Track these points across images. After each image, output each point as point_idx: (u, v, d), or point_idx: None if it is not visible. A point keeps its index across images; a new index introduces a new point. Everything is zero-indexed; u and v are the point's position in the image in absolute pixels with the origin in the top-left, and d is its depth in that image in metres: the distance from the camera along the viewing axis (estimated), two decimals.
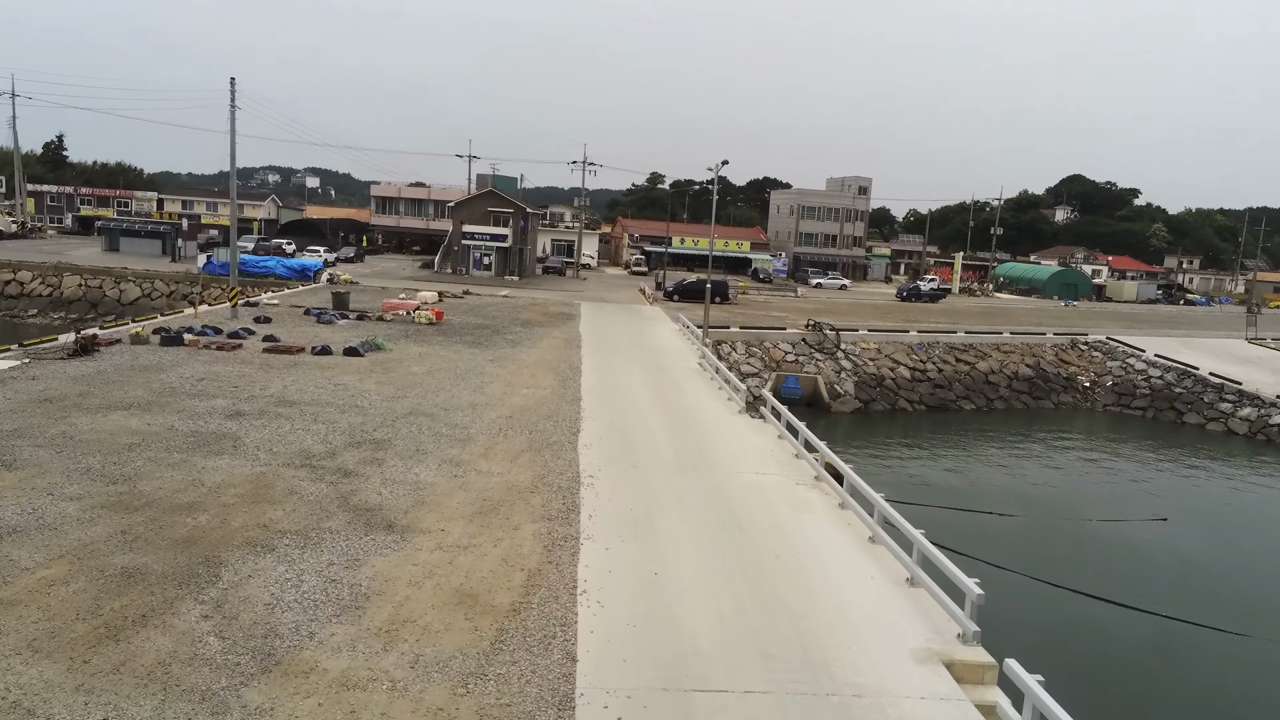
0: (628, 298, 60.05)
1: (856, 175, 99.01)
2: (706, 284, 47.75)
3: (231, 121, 32.94)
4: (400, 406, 20.53)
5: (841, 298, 75.78)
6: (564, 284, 68.16)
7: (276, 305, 38.93)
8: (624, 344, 35.81)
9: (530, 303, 49.45)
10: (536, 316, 42.44)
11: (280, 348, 26.82)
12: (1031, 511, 26.96)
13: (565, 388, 24.65)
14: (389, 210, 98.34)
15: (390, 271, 67.80)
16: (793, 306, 61.71)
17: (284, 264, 54.96)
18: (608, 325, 41.92)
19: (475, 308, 44.25)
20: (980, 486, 30.38)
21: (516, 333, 35.73)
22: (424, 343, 30.97)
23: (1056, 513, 27.31)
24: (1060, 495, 30.42)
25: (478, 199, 68.59)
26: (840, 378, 43.30)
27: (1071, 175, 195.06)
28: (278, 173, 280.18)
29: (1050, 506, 28.27)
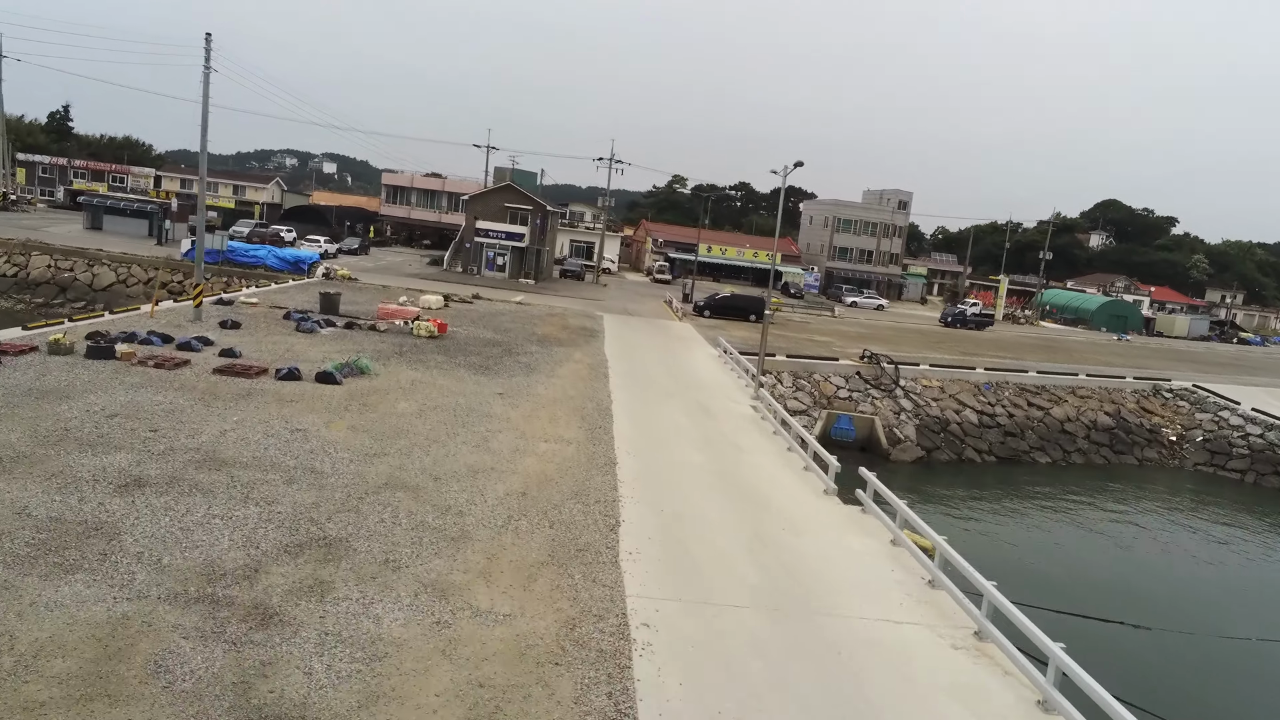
0: (653, 310, 54.47)
1: (896, 189, 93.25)
2: (763, 297, 42.24)
3: (205, 85, 27.49)
4: (374, 472, 14.97)
5: (881, 320, 70.02)
6: (583, 290, 62.66)
7: (254, 305, 33.49)
8: (658, 374, 30.22)
9: (547, 313, 43.93)
10: (555, 331, 36.89)
11: (237, 367, 21.32)
12: (1165, 619, 21.25)
13: (594, 442, 19.08)
14: (400, 200, 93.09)
15: (395, 267, 62.38)
16: (833, 329, 56.02)
17: (276, 254, 49.62)
18: (636, 347, 36.34)
19: (485, 317, 38.75)
20: (1087, 574, 24.66)
21: (532, 353, 30.19)
22: (420, 364, 25.44)
23: (1196, 621, 21.59)
24: (1189, 591, 24.69)
25: (494, 193, 63.15)
26: (900, 420, 37.62)
27: (1107, 200, 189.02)
28: (295, 156, 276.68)
29: (1184, 610, 22.55)
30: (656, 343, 38.81)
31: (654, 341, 39.12)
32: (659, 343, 38.93)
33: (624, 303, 57.13)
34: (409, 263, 66.92)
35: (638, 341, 38.13)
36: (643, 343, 38.08)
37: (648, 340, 39.24)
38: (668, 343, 39.34)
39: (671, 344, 38.99)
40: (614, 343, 35.99)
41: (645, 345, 37.35)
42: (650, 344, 38.09)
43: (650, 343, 38.53)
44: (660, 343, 39.00)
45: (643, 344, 37.64)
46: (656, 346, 37.48)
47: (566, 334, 36.80)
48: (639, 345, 36.93)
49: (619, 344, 35.83)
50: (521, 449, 17.69)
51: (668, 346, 38.03)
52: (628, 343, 36.89)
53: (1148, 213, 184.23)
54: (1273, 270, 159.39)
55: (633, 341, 37.73)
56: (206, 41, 27.48)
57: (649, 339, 39.79)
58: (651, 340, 39.44)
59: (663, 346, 37.76)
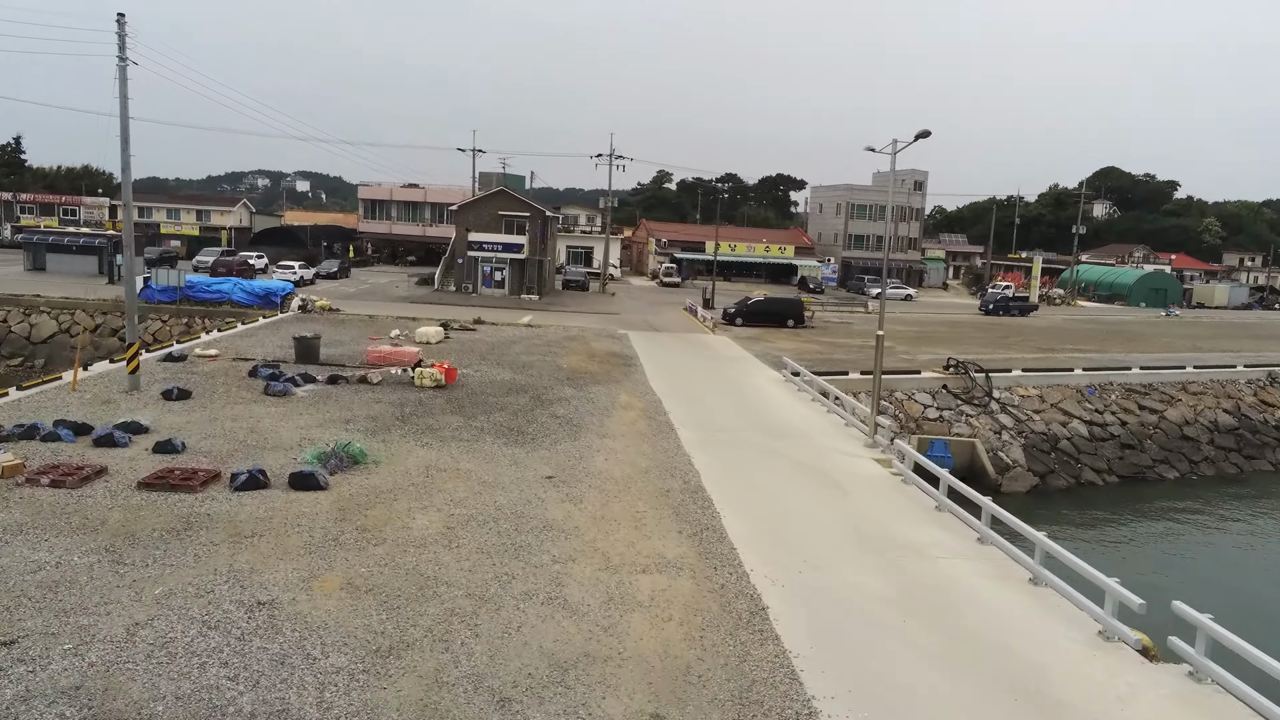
0: (678, 322, 48.11)
1: (912, 168, 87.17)
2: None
3: (121, 82, 20.90)
4: (395, 699, 8.55)
5: (917, 312, 63.86)
6: (592, 302, 56.22)
7: (213, 358, 26.92)
8: (730, 416, 23.83)
9: (564, 336, 37.51)
10: (582, 363, 30.47)
11: (175, 475, 14.81)
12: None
13: (711, 562, 12.73)
14: (379, 215, 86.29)
15: (381, 290, 55.76)
16: (872, 329, 49.73)
17: (243, 287, 42.92)
18: (683, 375, 29.94)
19: (495, 348, 32.30)
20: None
21: (567, 399, 23.77)
22: (432, 434, 19.01)
23: None
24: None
25: (486, 201, 56.59)
26: (1002, 440, 31.43)
27: (1105, 168, 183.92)
28: (267, 176, 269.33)
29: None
30: (704, 367, 32.42)
31: (701, 365, 32.73)
32: (707, 367, 32.55)
33: (642, 314, 50.76)
34: (395, 284, 60.28)
35: (682, 367, 31.75)
36: (688, 368, 31.70)
37: (693, 364, 32.86)
38: (717, 366, 32.95)
39: (722, 368, 32.60)
40: (656, 372, 29.62)
41: (693, 372, 30.96)
42: (698, 369, 31.71)
43: (697, 367, 32.14)
44: (709, 367, 32.60)
45: (689, 370, 31.26)
46: (707, 373, 31.08)
47: (597, 365, 30.40)
48: (686, 373, 30.55)
49: (663, 373, 29.46)
50: (615, 595, 11.30)
51: (720, 371, 31.64)
52: (671, 370, 30.52)
53: (1149, 178, 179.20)
54: None
55: (676, 368, 31.35)
56: (119, 25, 20.88)
57: (693, 362, 33.42)
58: (697, 364, 33.07)
59: (715, 372, 31.36)
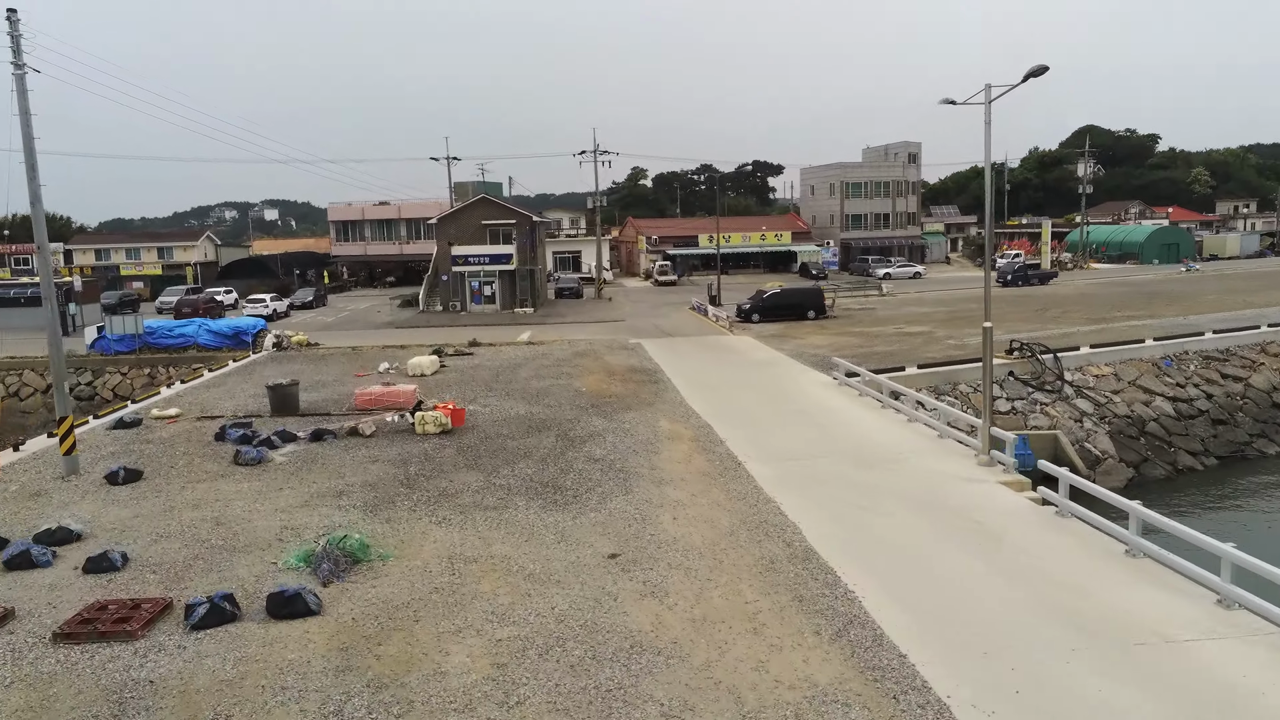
0: (689, 324, 44.19)
1: (904, 140, 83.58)
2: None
3: (20, 94, 16.73)
4: None
5: (931, 289, 60.19)
6: (590, 310, 52.21)
7: (174, 419, 22.76)
8: (800, 441, 19.85)
9: (572, 352, 33.52)
10: (603, 383, 26.49)
11: (107, 613, 10.72)
12: None
13: (890, 697, 8.82)
14: (352, 236, 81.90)
15: (361, 317, 51.55)
16: (908, 312, 46.09)
17: (209, 328, 38.64)
18: (724, 389, 25.95)
19: (500, 374, 28.27)
20: None
21: (602, 435, 19.78)
22: (448, 503, 15.00)
23: None
24: None
25: (468, 211, 52.46)
26: (1084, 429, 27.69)
27: (1084, 127, 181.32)
28: (234, 208, 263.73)
29: None
30: (740, 376, 28.46)
31: (735, 374, 28.77)
32: (743, 375, 28.58)
33: (647, 318, 46.80)
34: (377, 308, 56.01)
35: (716, 378, 27.80)
36: (723, 379, 27.74)
37: (725, 373, 28.91)
38: (753, 373, 28.99)
39: (760, 374, 28.64)
40: (689, 387, 25.68)
41: (730, 384, 26.99)
42: (734, 379, 27.75)
43: (733, 377, 28.17)
44: (745, 375, 28.64)
45: (725, 381, 27.29)
46: (747, 383, 27.11)
47: (620, 384, 26.43)
48: (723, 385, 26.58)
49: (697, 388, 25.53)
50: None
51: (759, 379, 27.68)
52: (705, 383, 26.58)
53: (1130, 133, 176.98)
54: (1273, 173, 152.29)
55: (709, 379, 27.41)
56: (11, 25, 16.70)
57: (725, 371, 29.47)
58: (730, 372, 29.12)
59: (754, 381, 27.38)
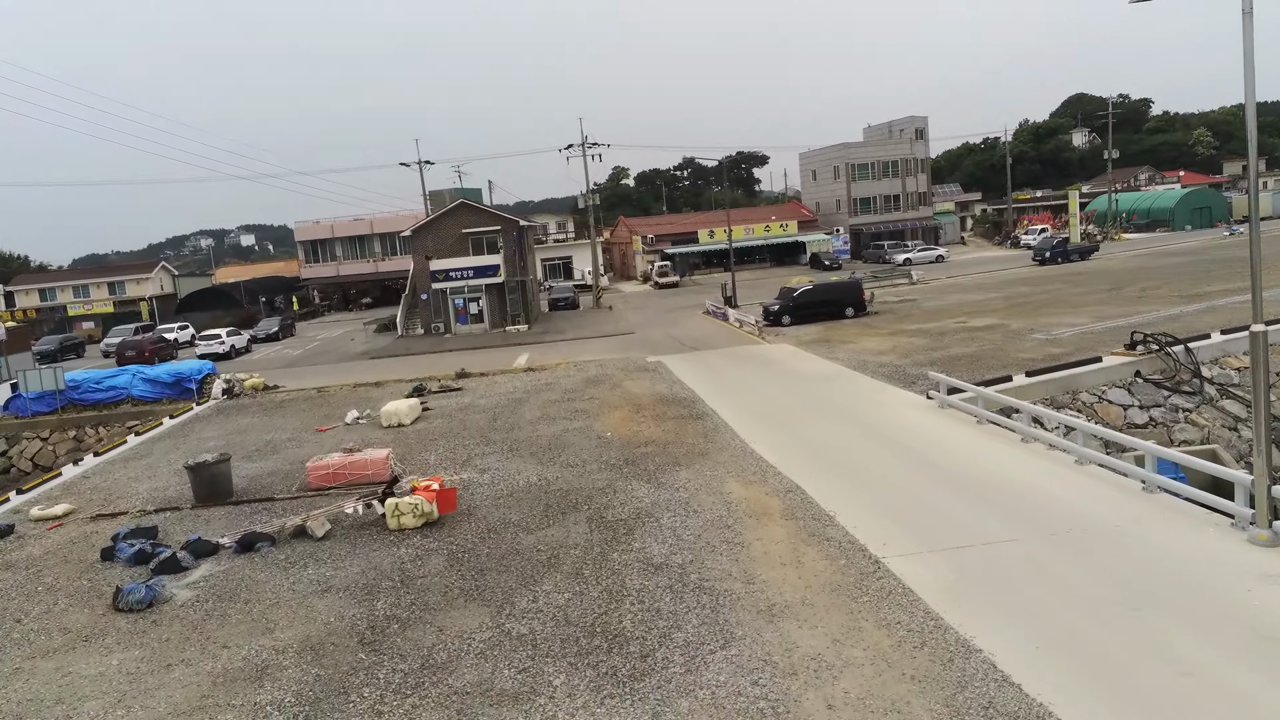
0: (709, 331, 38.17)
1: (910, 115, 77.91)
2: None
3: None
4: None
5: (964, 273, 54.37)
6: (591, 321, 46.11)
7: (59, 521, 16.58)
8: (948, 510, 13.82)
9: (583, 379, 27.45)
10: (632, 423, 20.44)
11: None
12: None
13: None
14: (323, 256, 75.56)
15: (333, 347, 45.30)
16: (956, 302, 40.20)
17: (145, 376, 32.32)
18: (793, 424, 19.88)
19: (498, 417, 22.17)
20: None
21: (651, 514, 13.73)
22: (433, 694, 8.95)
23: None
24: None
25: (446, 219, 46.30)
26: (1243, 438, 21.85)
27: (1075, 95, 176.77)
28: (210, 236, 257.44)
29: None
30: (806, 401, 22.34)
31: (799, 399, 22.63)
32: (807, 399, 22.47)
33: (660, 328, 40.77)
34: (350, 336, 49.74)
35: (776, 407, 21.73)
36: (785, 407, 21.67)
37: (785, 398, 22.82)
38: (819, 395, 22.88)
39: (831, 397, 22.53)
40: (744, 423, 19.68)
41: (797, 413, 20.92)
42: (800, 407, 21.66)
43: (797, 404, 22.04)
44: (809, 399, 22.51)
45: (789, 411, 21.22)
46: (820, 412, 21.00)
47: (654, 423, 20.39)
48: (788, 417, 20.53)
49: (755, 423, 19.54)
50: None
51: (834, 405, 21.58)
52: (763, 414, 20.57)
53: (1124, 99, 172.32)
54: (1276, 130, 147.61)
55: (768, 409, 21.38)
56: None
57: (782, 394, 23.36)
58: (790, 396, 23.02)
59: (826, 408, 21.28)
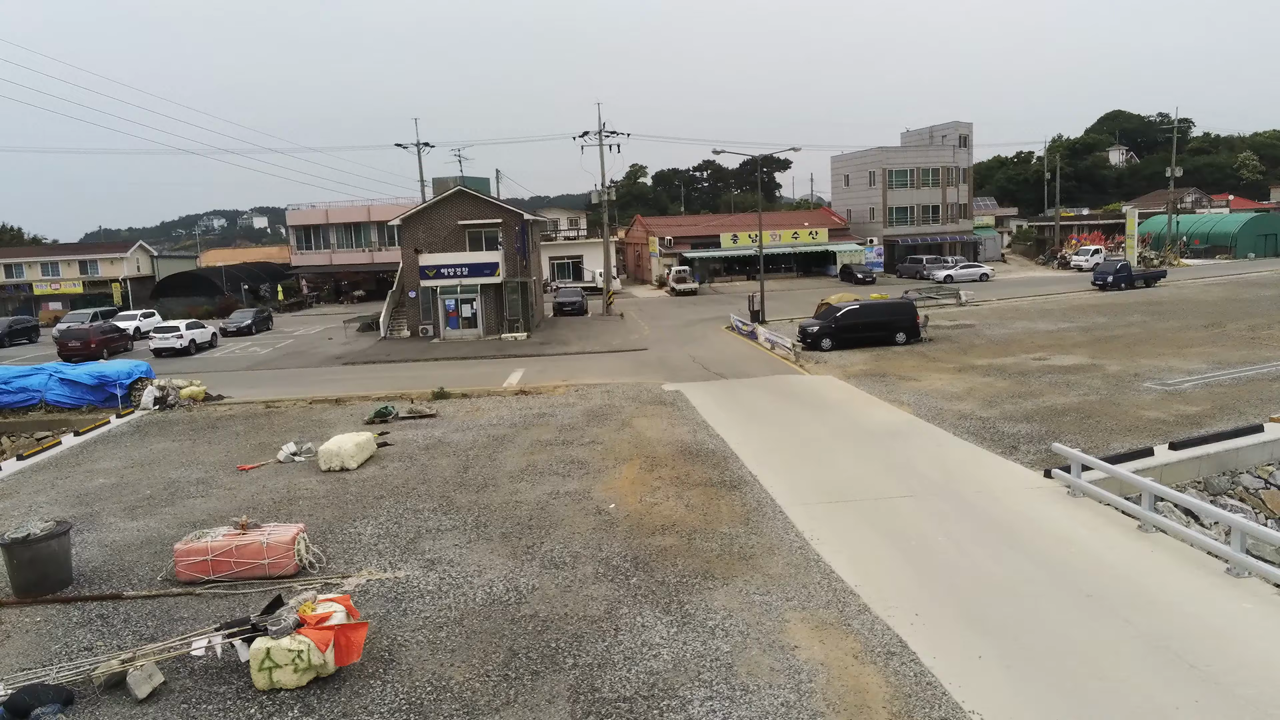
0: (734, 353, 32.67)
1: (954, 120, 72.13)
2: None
3: None
4: None
5: (1015, 295, 48.69)
6: (600, 331, 40.67)
7: None
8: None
9: (585, 413, 22.03)
10: (644, 490, 15.00)
11: None
12: None
13: None
14: (315, 243, 70.32)
15: (307, 347, 39.99)
16: (1023, 330, 34.57)
17: (64, 376, 27.05)
18: (869, 501, 14.36)
19: (470, 465, 16.76)
20: None
21: (680, 694, 8.34)
22: None
23: None
24: None
25: (440, 208, 40.96)
26: None
27: (1112, 112, 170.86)
28: (223, 216, 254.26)
29: None
30: (877, 468, 16.70)
31: (866, 465, 17.00)
32: (882, 467, 16.86)
33: (678, 344, 35.32)
34: (329, 334, 44.41)
35: (838, 474, 16.18)
36: (852, 477, 16.09)
37: (848, 462, 17.23)
38: (895, 461, 17.26)
39: (908, 464, 16.88)
40: (799, 497, 14.24)
41: (870, 487, 15.35)
42: (869, 476, 16.05)
43: (867, 473, 16.43)
44: (884, 466, 16.87)
45: (858, 483, 15.67)
46: (899, 486, 15.48)
47: (674, 492, 14.95)
48: (858, 489, 15.02)
49: (817, 501, 14.10)
50: None
51: (916, 477, 16.01)
52: (826, 488, 15.09)
53: (1163, 118, 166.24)
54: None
55: (828, 477, 15.86)
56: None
57: (842, 455, 17.78)
58: (854, 459, 17.43)
59: (911, 483, 15.70)
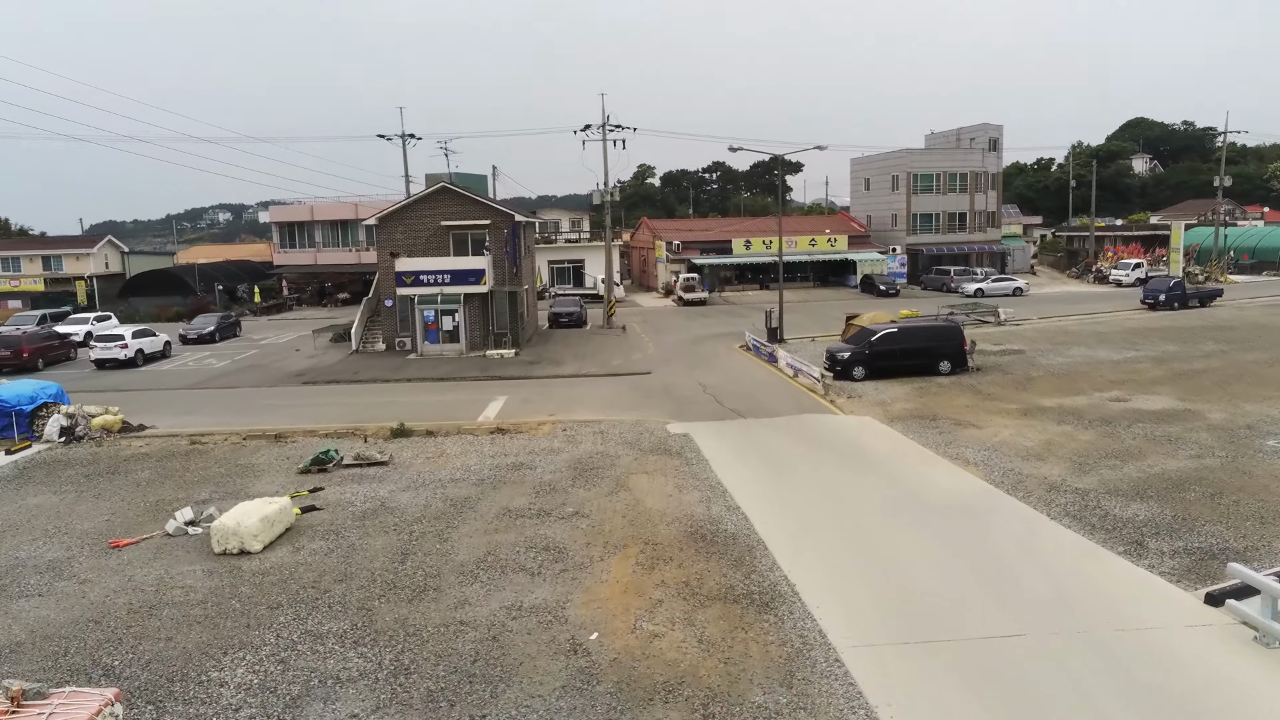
0: (751, 380, 28.02)
1: (983, 122, 67.40)
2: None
3: None
4: None
5: (1057, 313, 43.94)
6: (598, 348, 36.05)
7: None
8: None
9: (571, 463, 17.38)
10: (642, 619, 10.36)
11: None
12: None
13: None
14: (300, 241, 65.83)
15: (270, 360, 35.43)
16: (1082, 359, 29.88)
17: None
18: (977, 651, 9.73)
19: (410, 552, 12.16)
20: None
21: None
22: None
23: None
24: None
25: (421, 205, 36.38)
26: None
27: (1134, 120, 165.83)
28: (229, 210, 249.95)
29: None
30: (976, 583, 11.98)
31: (951, 578, 12.11)
32: (983, 582, 12.14)
33: (686, 366, 30.71)
34: (295, 346, 39.84)
35: (925, 597, 11.50)
36: (939, 599, 11.41)
37: (919, 566, 12.43)
38: (1003, 572, 12.50)
39: (1014, 571, 12.11)
40: (882, 656, 9.61)
41: (966, 619, 10.69)
42: (967, 594, 11.40)
43: (958, 589, 11.70)
44: (981, 580, 12.09)
45: (951, 612, 10.98)
46: (1014, 621, 10.69)
47: (689, 628, 10.27)
48: (959, 637, 10.38)
49: (905, 662, 9.47)
50: None
51: (1032, 605, 11.23)
52: (914, 633, 10.48)
53: (1188, 126, 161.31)
54: None
55: (909, 602, 11.21)
56: None
57: (919, 556, 13.03)
58: (928, 562, 12.60)
59: (1024, 617, 10.95)
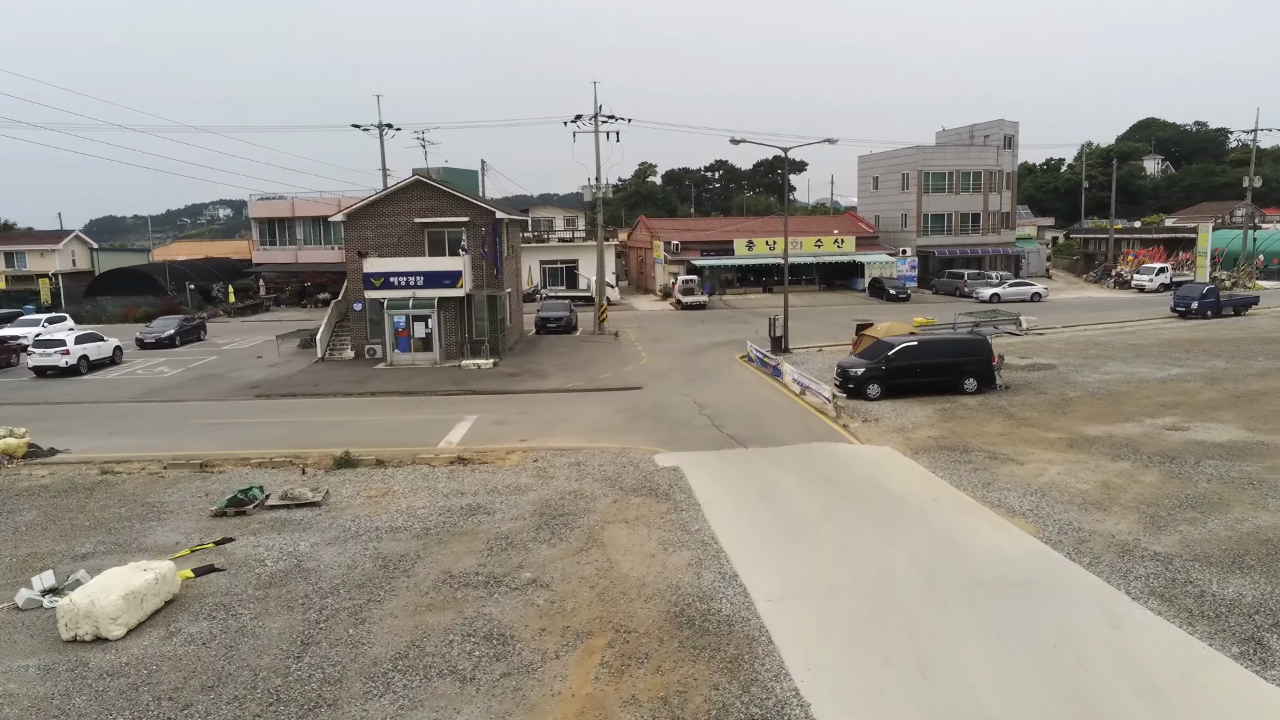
0: (754, 398, 24.82)
1: (999, 119, 64.24)
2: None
3: None
4: None
5: (1081, 322, 40.78)
6: (587, 359, 32.90)
7: None
8: None
9: (536, 510, 14.21)
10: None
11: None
12: None
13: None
14: (280, 238, 62.72)
15: (224, 369, 32.26)
16: (1120, 376, 26.69)
17: None
18: None
19: (311, 641, 9.06)
20: None
21: None
22: None
23: None
24: None
25: (393, 201, 33.22)
26: None
27: (1145, 120, 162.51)
28: (229, 206, 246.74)
29: None
30: (1056, 709, 9.01)
31: (1035, 705, 9.31)
32: (1066, 709, 9.15)
33: (680, 381, 27.53)
34: (258, 353, 36.66)
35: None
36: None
37: (991, 694, 9.50)
38: (1094, 696, 9.55)
39: (1112, 694, 9.17)
40: None
41: None
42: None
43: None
44: (1064, 706, 9.18)
45: None
46: None
47: None
48: None
49: None
50: None
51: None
52: None
53: (1201, 127, 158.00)
54: None
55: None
56: None
57: (1001, 690, 9.87)
58: (1018, 693, 9.70)
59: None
